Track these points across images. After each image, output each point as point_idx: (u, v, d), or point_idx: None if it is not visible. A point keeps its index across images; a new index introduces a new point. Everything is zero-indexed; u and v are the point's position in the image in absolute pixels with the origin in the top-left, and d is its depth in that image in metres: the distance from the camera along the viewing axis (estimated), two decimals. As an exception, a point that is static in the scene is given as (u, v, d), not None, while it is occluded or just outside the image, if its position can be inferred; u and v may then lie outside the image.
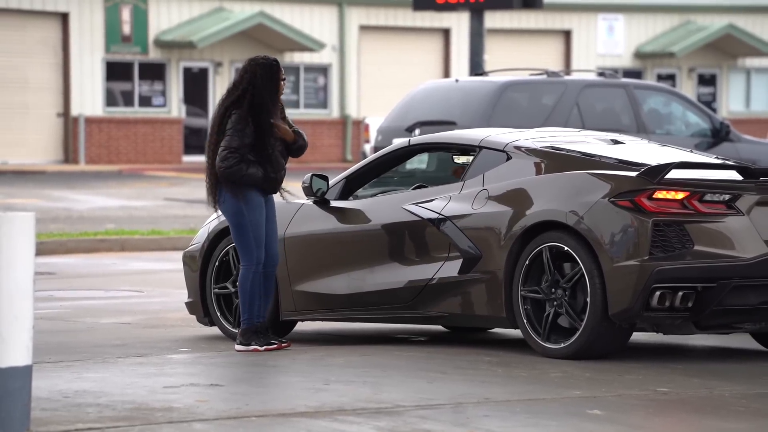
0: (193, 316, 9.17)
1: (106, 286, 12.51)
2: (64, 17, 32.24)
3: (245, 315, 8.22)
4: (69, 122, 32.38)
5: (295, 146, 8.21)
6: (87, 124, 32.37)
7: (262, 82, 8.09)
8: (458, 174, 8.57)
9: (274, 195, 8.28)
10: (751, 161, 13.70)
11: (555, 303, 7.87)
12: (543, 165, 8.12)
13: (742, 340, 8.59)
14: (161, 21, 32.88)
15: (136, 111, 32.90)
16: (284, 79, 8.18)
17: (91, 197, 22.51)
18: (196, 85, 33.66)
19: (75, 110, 32.37)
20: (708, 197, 7.71)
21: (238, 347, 8.24)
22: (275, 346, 8.20)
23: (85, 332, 9.39)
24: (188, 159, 33.03)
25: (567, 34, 37.11)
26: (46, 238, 15.64)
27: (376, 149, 14.14)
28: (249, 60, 8.19)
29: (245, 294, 8.19)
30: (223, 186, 8.12)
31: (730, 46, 37.92)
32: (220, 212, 8.36)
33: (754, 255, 7.68)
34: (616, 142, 8.49)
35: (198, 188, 25.02)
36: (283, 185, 8.31)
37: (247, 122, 8.06)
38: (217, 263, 8.88)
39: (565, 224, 7.80)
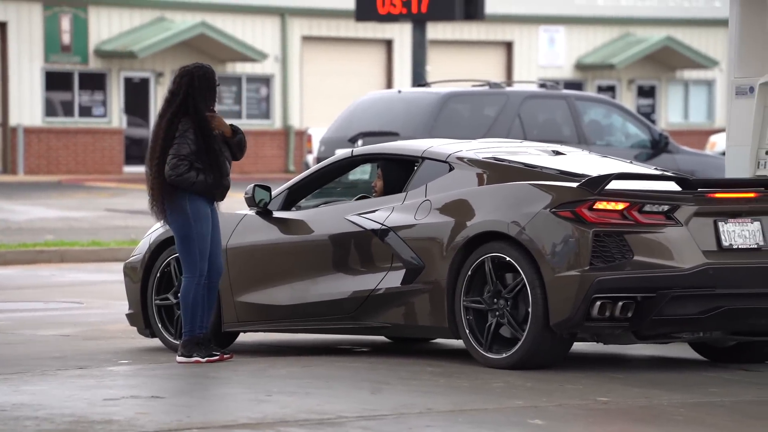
0: (134, 328, 9.11)
1: (45, 298, 12.40)
2: (2, 26, 31.94)
3: (187, 326, 8.18)
4: (7, 132, 32.07)
5: (235, 140, 8.15)
6: (26, 134, 32.08)
7: (200, 89, 8.07)
8: (378, 188, 8.57)
9: (217, 205, 8.25)
10: (690, 172, 13.84)
11: (497, 313, 7.90)
12: (485, 176, 8.16)
13: (681, 350, 8.67)
14: (102, 31, 32.68)
15: (77, 121, 32.65)
16: (218, 85, 8.16)
17: (30, 208, 22.30)
18: (137, 95, 33.48)
19: (13, 120, 32.07)
20: (647, 208, 7.78)
21: (179, 359, 8.20)
22: (217, 357, 8.17)
23: (24, 344, 9.30)
24: (129, 169, 32.82)
25: (508, 46, 37.33)
26: (-16, 249, 15.48)
27: (318, 160, 14.14)
28: (182, 68, 8.17)
29: (187, 306, 8.15)
30: (168, 196, 8.07)
31: (669, 59, 38.32)
32: (165, 223, 8.31)
33: (693, 265, 7.76)
34: (557, 153, 8.55)
35: (139, 199, 24.87)
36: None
37: (192, 130, 8.03)
38: (158, 274, 8.83)
39: (507, 235, 7.84)
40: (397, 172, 8.51)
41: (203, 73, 8.09)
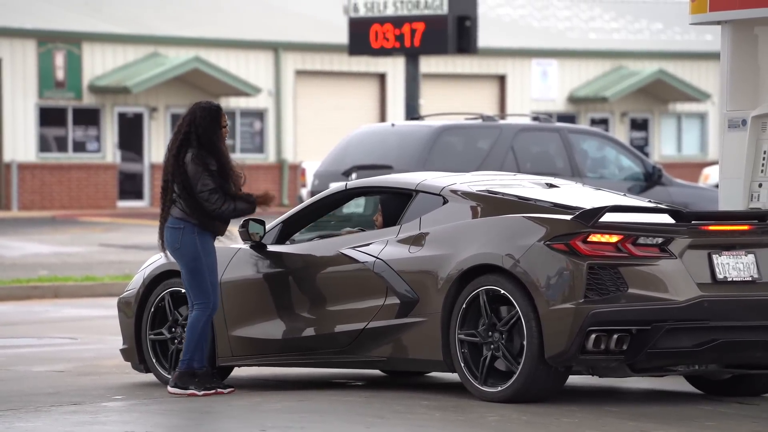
0: (128, 363, 9.08)
1: (39, 334, 12.36)
2: (-3, 62, 32.00)
3: (186, 356, 8.18)
4: (1, 168, 32.07)
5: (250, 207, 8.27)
6: (20, 170, 32.08)
7: (203, 123, 8.12)
8: (378, 222, 8.60)
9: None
10: (683, 205, 13.86)
11: (492, 346, 7.89)
12: (479, 208, 8.16)
13: (676, 383, 8.66)
14: (95, 66, 32.75)
15: (70, 156, 32.67)
16: (226, 126, 8.22)
17: (24, 244, 22.27)
18: (131, 130, 33.51)
19: (7, 156, 32.08)
20: (641, 240, 7.78)
21: (171, 389, 8.17)
22: (213, 391, 8.15)
23: (17, 381, 9.26)
24: (123, 204, 32.82)
25: (501, 79, 37.44)
26: (-22, 285, 15.44)
27: (312, 193, 14.15)
28: (193, 104, 8.26)
29: (194, 336, 8.17)
30: (179, 231, 8.09)
31: (661, 92, 38.46)
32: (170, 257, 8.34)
33: (687, 298, 7.76)
34: (550, 185, 8.56)
35: (133, 233, 24.84)
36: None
37: (207, 163, 8.09)
38: (153, 309, 8.81)
39: (501, 267, 7.83)
40: (397, 205, 8.52)
41: (208, 109, 8.19)
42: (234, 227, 8.47)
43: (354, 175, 14.12)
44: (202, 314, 8.14)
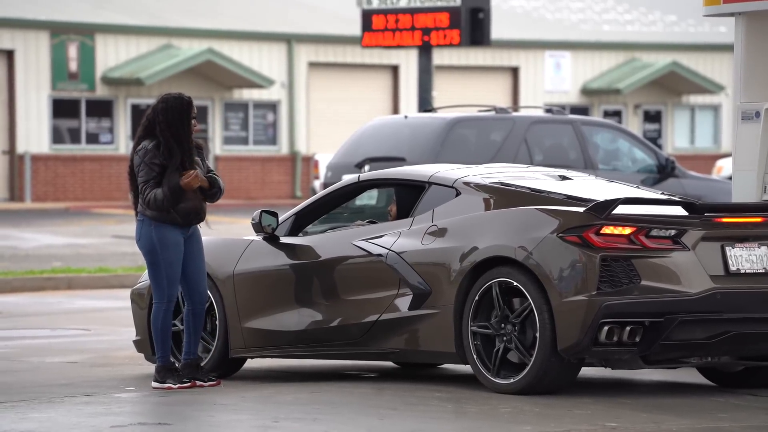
0: (141, 354, 9.10)
1: (52, 325, 12.39)
2: (9, 54, 32.04)
3: (159, 353, 8.21)
4: (15, 160, 32.13)
5: (210, 192, 8.18)
6: (33, 162, 32.14)
7: (171, 114, 8.08)
8: (393, 213, 8.60)
9: (200, 234, 8.26)
10: (696, 197, 13.83)
11: (504, 338, 7.89)
12: (492, 201, 8.16)
13: (689, 375, 8.65)
14: (108, 58, 32.78)
15: (84, 148, 32.72)
16: (195, 118, 8.19)
17: (38, 235, 22.33)
18: (144, 121, 33.51)
19: (21, 148, 32.14)
20: (654, 233, 7.77)
21: (153, 384, 8.20)
22: (188, 384, 8.15)
23: (31, 372, 9.29)
24: (136, 196, 32.79)
25: (514, 71, 37.38)
26: (-9, 276, 15.49)
27: (325, 185, 14.15)
28: (164, 94, 8.24)
29: (157, 331, 8.18)
30: (140, 223, 8.11)
31: (675, 84, 38.35)
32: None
33: (700, 290, 7.75)
34: (563, 177, 8.55)
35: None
36: (214, 220, 8.28)
37: (157, 154, 8.05)
38: (165, 300, 8.82)
39: (514, 260, 7.83)
40: (409, 198, 8.51)
41: (175, 101, 8.12)
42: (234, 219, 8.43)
43: (367, 167, 14.11)
44: (158, 310, 8.15)
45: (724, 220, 7.92)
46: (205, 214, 8.22)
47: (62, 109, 32.51)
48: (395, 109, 35.32)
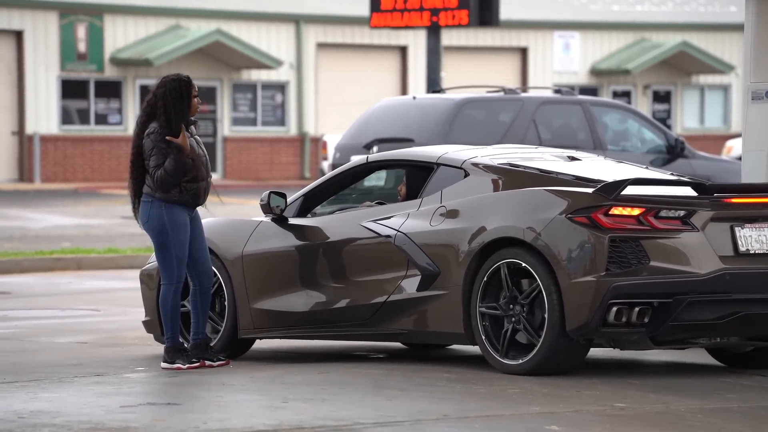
0: (151, 335, 9.13)
1: (62, 305, 12.43)
2: (18, 35, 32.06)
3: (168, 333, 8.25)
4: (24, 140, 32.18)
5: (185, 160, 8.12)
6: (42, 143, 32.18)
7: (172, 96, 8.10)
8: (402, 193, 8.61)
9: (200, 214, 8.29)
10: (706, 177, 13.81)
11: (513, 319, 7.89)
12: (500, 182, 8.15)
13: (697, 355, 8.65)
14: (117, 39, 32.78)
15: (92, 129, 32.75)
16: (197, 96, 8.21)
17: (47, 216, 22.37)
18: (152, 102, 33.49)
19: (30, 128, 32.18)
20: (663, 213, 7.77)
21: (163, 365, 8.25)
22: (197, 364, 8.19)
23: (41, 352, 9.32)
24: (145, 177, 32.81)
25: (523, 52, 37.31)
26: (0, 257, 15.52)
27: (334, 166, 14.15)
28: (162, 77, 8.27)
29: (166, 312, 8.22)
30: (148, 204, 8.11)
31: (684, 64, 38.26)
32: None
33: (709, 270, 7.74)
34: (572, 158, 8.54)
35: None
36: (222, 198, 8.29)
37: (161, 139, 8.08)
38: (174, 281, 8.83)
39: (522, 240, 7.83)
40: (418, 179, 8.51)
41: (176, 82, 8.12)
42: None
43: (375, 148, 14.11)
44: (167, 291, 8.19)
45: (734, 200, 7.91)
46: (207, 195, 8.27)
47: (71, 89, 32.52)
48: (404, 90, 35.29)
